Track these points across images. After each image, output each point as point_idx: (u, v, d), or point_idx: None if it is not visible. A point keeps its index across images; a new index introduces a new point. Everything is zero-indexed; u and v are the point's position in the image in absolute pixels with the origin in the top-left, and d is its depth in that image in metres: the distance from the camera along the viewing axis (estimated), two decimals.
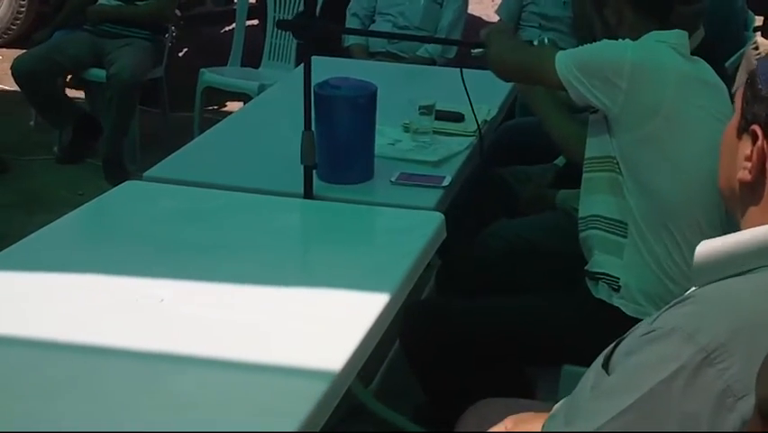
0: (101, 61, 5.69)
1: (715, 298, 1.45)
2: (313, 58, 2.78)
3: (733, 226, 1.60)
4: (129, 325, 2.05)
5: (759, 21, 6.29)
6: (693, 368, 1.36)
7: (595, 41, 2.74)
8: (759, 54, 7.94)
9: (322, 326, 2.07)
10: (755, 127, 1.50)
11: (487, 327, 2.74)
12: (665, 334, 1.41)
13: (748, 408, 1.31)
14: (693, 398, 1.36)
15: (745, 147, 1.53)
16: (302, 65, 2.81)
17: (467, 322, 2.77)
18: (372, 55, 5.43)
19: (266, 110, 3.96)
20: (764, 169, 1.50)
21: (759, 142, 1.50)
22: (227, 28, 8.28)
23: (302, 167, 2.83)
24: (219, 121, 3.88)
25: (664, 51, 2.64)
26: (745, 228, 1.52)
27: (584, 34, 2.88)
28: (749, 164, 1.51)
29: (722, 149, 1.63)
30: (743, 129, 1.55)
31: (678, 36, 2.70)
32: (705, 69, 2.70)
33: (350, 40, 5.65)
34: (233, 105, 6.58)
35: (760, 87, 1.52)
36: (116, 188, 2.85)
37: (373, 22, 5.72)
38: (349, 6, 5.85)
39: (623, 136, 2.59)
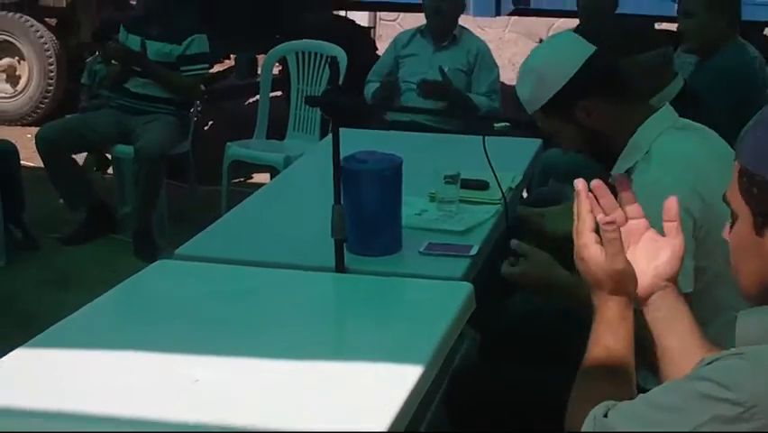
0: (127, 137, 5.79)
1: (763, 357, 1.46)
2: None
3: None
4: (165, 405, 2.07)
5: None
6: (728, 420, 1.40)
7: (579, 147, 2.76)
8: None
9: (358, 400, 2.10)
10: None
11: (532, 396, 2.74)
12: (710, 379, 1.45)
13: None
14: None
15: None
16: (327, 137, 2.85)
17: (513, 390, 2.79)
18: (395, 125, 5.48)
19: (293, 184, 4.01)
20: None
21: None
22: (251, 100, 8.40)
23: (332, 240, 2.86)
24: (247, 193, 3.93)
25: (680, 156, 2.59)
26: None
27: (569, 148, 2.86)
28: None
29: (740, 255, 1.63)
30: (762, 226, 1.55)
31: (667, 113, 2.71)
32: (708, 135, 2.70)
33: (371, 89, 5.75)
34: (259, 177, 6.65)
35: (759, 174, 1.53)
36: (149, 267, 2.89)
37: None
38: (371, 72, 5.94)
39: None
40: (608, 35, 3.53)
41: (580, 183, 1.86)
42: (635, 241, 1.87)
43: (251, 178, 6.85)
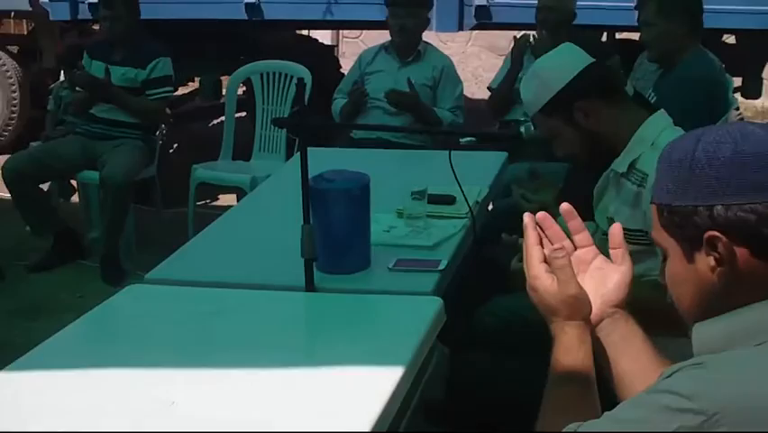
0: (93, 163, 5.77)
1: (723, 366, 1.50)
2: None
3: None
4: (143, 428, 2.07)
5: (738, 81, 6.42)
6: (693, 429, 1.43)
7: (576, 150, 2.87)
8: (740, 115, 8.07)
9: (332, 417, 2.10)
10: (710, 234, 1.55)
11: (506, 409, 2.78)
12: (672, 392, 1.48)
13: None
14: None
15: (704, 263, 1.58)
16: (293, 158, 2.87)
17: (488, 402, 2.83)
18: (361, 143, 5.50)
19: (261, 205, 4.02)
20: (735, 258, 1.55)
21: (722, 242, 1.54)
22: (215, 122, 8.40)
23: (301, 259, 2.87)
24: (213, 215, 3.93)
25: None
26: (742, 306, 1.57)
27: (566, 151, 2.97)
28: (722, 268, 1.56)
29: (678, 287, 1.67)
30: (690, 251, 1.60)
31: (665, 115, 2.81)
32: None
33: (338, 106, 5.78)
34: (226, 199, 6.66)
35: (677, 205, 1.59)
36: (120, 292, 2.90)
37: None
38: (337, 90, 5.96)
39: None
40: None
41: (527, 217, 1.90)
42: (583, 270, 1.90)
43: (218, 199, 6.85)
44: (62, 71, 6.67)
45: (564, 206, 1.94)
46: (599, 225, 2.99)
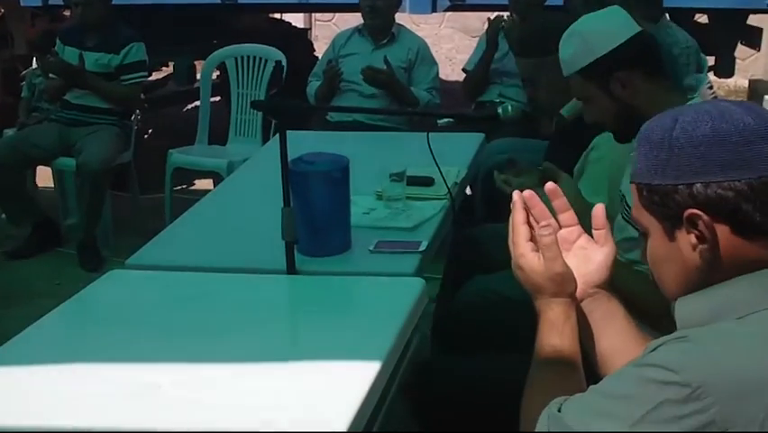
0: (69, 150, 5.74)
1: (707, 339, 1.52)
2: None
3: None
4: (131, 412, 2.09)
5: (711, 60, 6.46)
6: (678, 402, 1.44)
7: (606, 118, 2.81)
8: (714, 93, 8.12)
9: (318, 399, 2.12)
10: (690, 212, 1.56)
11: (478, 388, 2.78)
12: (657, 365, 1.49)
13: None
14: (679, 427, 1.44)
15: (685, 241, 1.60)
16: (270, 141, 2.87)
17: (459, 382, 2.82)
18: (338, 125, 5.50)
19: (240, 188, 4.02)
20: (715, 236, 1.57)
21: (702, 220, 1.56)
22: (190, 107, 8.37)
23: (282, 242, 2.88)
24: (190, 200, 3.93)
25: None
26: (723, 281, 1.59)
27: (595, 118, 2.89)
28: (703, 246, 1.58)
29: (660, 266, 1.69)
30: (671, 230, 1.62)
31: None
32: None
33: (313, 88, 5.78)
34: (202, 183, 6.64)
35: (657, 183, 1.60)
36: (101, 278, 2.89)
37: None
38: (311, 73, 5.96)
39: None
40: (534, 32, 3.64)
41: (516, 195, 1.90)
42: (566, 249, 1.91)
43: (194, 184, 6.84)
44: (34, 58, 6.61)
45: (549, 185, 1.94)
46: (588, 199, 2.97)
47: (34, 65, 6.50)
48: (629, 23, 2.82)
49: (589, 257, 1.91)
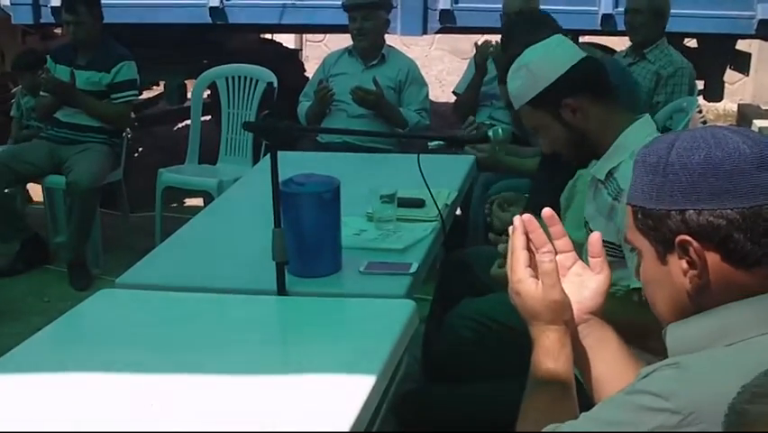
0: (59, 168, 5.74)
1: (697, 366, 1.53)
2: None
3: None
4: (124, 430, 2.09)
5: (700, 84, 6.50)
6: (670, 428, 1.46)
7: (560, 146, 2.83)
8: (703, 117, 8.16)
9: (306, 421, 2.11)
10: (682, 239, 1.58)
11: (471, 416, 2.78)
12: (648, 392, 1.51)
13: None
14: None
15: (676, 266, 1.61)
16: (261, 161, 2.86)
17: (452, 411, 2.82)
18: (328, 146, 5.51)
19: (230, 208, 4.01)
20: (706, 263, 1.58)
21: (693, 246, 1.57)
22: (181, 126, 8.37)
23: (272, 263, 2.88)
24: (181, 219, 3.93)
25: None
26: (713, 307, 1.60)
27: (550, 146, 2.91)
28: (693, 272, 1.59)
29: (652, 288, 1.71)
30: (663, 254, 1.63)
31: (650, 121, 2.80)
32: None
33: (304, 108, 5.80)
34: (192, 202, 6.65)
35: (651, 208, 1.62)
36: (92, 297, 2.88)
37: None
38: (302, 94, 5.98)
39: None
40: (513, 58, 3.66)
41: (517, 220, 1.91)
42: (562, 275, 1.92)
43: (185, 203, 6.84)
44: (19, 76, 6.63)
45: (546, 211, 1.95)
46: (569, 232, 2.98)
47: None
48: (573, 50, 2.86)
49: (584, 284, 1.91)
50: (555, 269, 1.84)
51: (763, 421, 1.04)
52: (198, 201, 6.38)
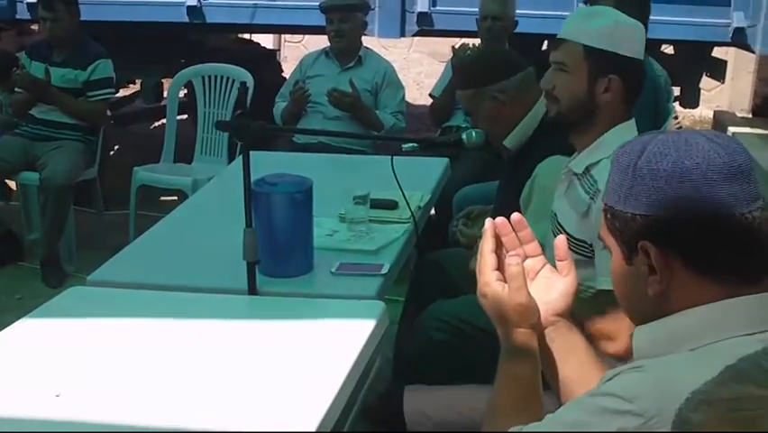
0: (33, 165, 5.72)
1: (661, 370, 1.53)
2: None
3: None
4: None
5: (676, 91, 6.53)
6: (632, 429, 1.46)
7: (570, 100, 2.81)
8: (679, 124, 8.20)
9: (273, 420, 2.12)
10: (644, 244, 1.59)
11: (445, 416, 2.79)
12: (612, 394, 1.51)
13: None
14: None
15: (640, 268, 1.62)
16: (235, 161, 2.86)
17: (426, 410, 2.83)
18: (304, 147, 5.51)
19: (203, 208, 4.02)
20: (667, 269, 1.59)
21: (654, 253, 1.58)
22: (157, 124, 8.35)
23: (244, 263, 2.88)
24: (155, 218, 3.91)
25: None
26: (675, 312, 1.61)
27: (562, 94, 2.87)
28: (656, 277, 1.60)
29: (620, 287, 1.72)
30: (629, 255, 1.64)
31: (634, 125, 2.80)
32: None
33: (279, 109, 5.80)
34: (167, 201, 6.62)
35: (618, 209, 1.63)
36: (62, 294, 2.88)
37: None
38: (278, 94, 5.98)
39: None
40: (484, 64, 3.67)
41: (488, 222, 1.92)
42: (530, 278, 1.93)
43: (159, 202, 6.81)
44: None
45: (515, 216, 1.96)
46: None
47: None
48: (643, 47, 2.84)
49: (551, 285, 1.93)
50: (522, 272, 1.85)
51: (705, 430, 1.05)
52: (173, 200, 6.36)
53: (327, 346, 2.52)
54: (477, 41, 5.85)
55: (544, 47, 7.17)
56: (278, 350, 2.55)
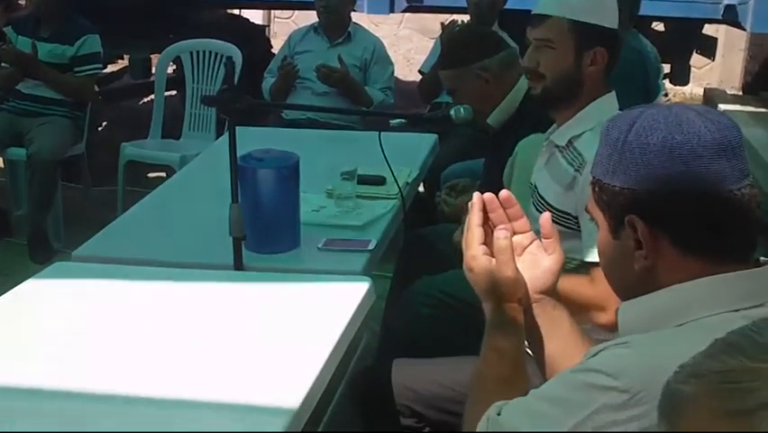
0: (20, 140, 5.69)
1: (647, 345, 1.52)
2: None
3: None
4: (70, 404, 2.09)
5: (667, 68, 6.51)
6: (617, 406, 1.46)
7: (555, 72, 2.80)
8: (669, 101, 8.18)
9: (259, 394, 2.11)
10: (630, 218, 1.58)
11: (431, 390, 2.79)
12: (596, 370, 1.51)
13: None
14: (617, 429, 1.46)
15: (626, 242, 1.61)
16: (222, 136, 2.85)
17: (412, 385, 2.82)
18: (293, 123, 5.50)
19: (189, 183, 4.00)
20: (657, 245, 1.58)
21: (641, 227, 1.57)
22: (145, 100, 8.32)
23: (230, 238, 2.86)
24: (143, 194, 3.90)
25: None
26: (661, 288, 1.60)
27: (548, 64, 2.86)
28: (643, 252, 1.59)
29: (606, 261, 1.71)
30: (616, 229, 1.63)
31: (615, 99, 2.80)
32: None
33: (268, 84, 5.77)
34: (155, 177, 6.59)
35: (606, 183, 1.61)
36: (46, 269, 2.87)
37: None
38: (267, 70, 5.95)
39: None
40: (466, 43, 3.68)
41: (476, 196, 1.91)
42: (518, 254, 1.92)
43: (147, 178, 6.78)
44: None
45: (504, 193, 1.95)
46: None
47: None
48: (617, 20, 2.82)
49: (537, 262, 1.92)
50: (510, 246, 1.84)
51: (695, 402, 1.04)
52: (161, 176, 6.34)
53: (313, 321, 2.52)
54: (467, 18, 5.82)
55: None
56: (264, 325, 2.54)
